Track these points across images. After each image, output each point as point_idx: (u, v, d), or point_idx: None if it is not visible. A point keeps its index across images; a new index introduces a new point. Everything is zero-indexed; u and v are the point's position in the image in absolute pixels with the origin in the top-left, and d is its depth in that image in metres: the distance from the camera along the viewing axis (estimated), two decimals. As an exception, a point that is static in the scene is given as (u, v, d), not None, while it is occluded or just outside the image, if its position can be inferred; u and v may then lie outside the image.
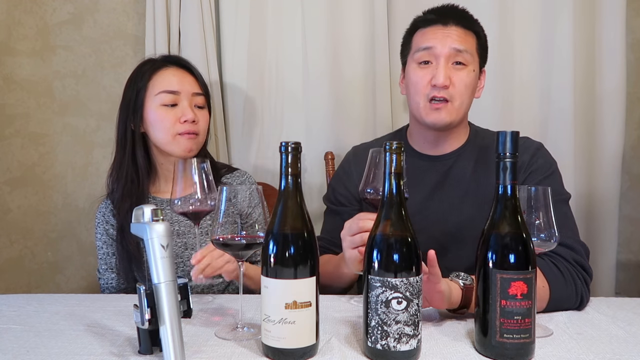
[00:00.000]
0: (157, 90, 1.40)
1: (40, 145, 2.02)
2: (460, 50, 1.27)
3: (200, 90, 1.45)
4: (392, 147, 0.87)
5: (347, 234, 1.12)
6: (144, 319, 0.85)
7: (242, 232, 1.00)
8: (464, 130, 1.39)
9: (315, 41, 1.89)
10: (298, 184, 0.89)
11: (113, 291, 1.46)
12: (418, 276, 0.86)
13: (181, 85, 1.42)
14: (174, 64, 1.45)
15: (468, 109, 1.34)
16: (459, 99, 1.28)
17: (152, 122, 1.41)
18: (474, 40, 1.32)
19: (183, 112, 1.40)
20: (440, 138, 1.37)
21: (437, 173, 1.37)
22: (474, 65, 1.30)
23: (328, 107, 1.91)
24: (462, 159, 1.37)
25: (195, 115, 1.41)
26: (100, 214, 1.49)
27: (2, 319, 1.10)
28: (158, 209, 0.87)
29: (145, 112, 1.42)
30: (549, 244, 1.02)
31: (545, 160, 1.31)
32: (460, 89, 1.27)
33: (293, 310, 0.85)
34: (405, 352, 0.85)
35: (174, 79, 1.42)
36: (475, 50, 1.31)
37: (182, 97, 1.41)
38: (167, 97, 1.40)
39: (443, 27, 1.29)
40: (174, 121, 1.40)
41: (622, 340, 0.97)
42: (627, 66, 1.87)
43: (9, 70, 1.99)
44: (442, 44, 1.27)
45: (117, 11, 1.98)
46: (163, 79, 1.42)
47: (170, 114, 1.40)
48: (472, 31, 1.32)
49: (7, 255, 2.04)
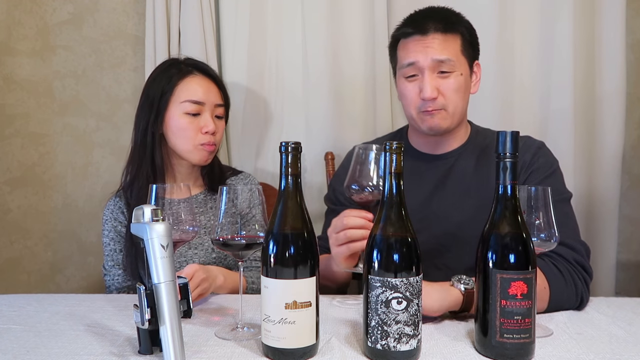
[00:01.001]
0: (183, 98, 1.41)
1: (40, 145, 2.02)
2: (442, 60, 1.26)
3: (222, 101, 1.47)
4: (392, 147, 0.87)
5: (333, 231, 1.12)
6: (144, 319, 0.85)
7: (242, 232, 1.00)
8: (464, 130, 1.39)
9: (315, 41, 1.89)
10: (298, 184, 0.90)
11: (119, 287, 1.45)
12: (418, 276, 0.86)
13: (206, 96, 1.42)
14: (201, 72, 1.45)
15: (464, 111, 1.34)
16: (451, 105, 1.28)
17: (174, 129, 1.42)
18: (458, 41, 1.29)
19: (205, 123, 1.41)
20: (440, 139, 1.37)
21: (438, 172, 1.37)
22: (460, 68, 1.29)
23: (328, 107, 1.91)
24: (463, 158, 1.37)
25: (216, 126, 1.43)
26: (109, 212, 1.49)
27: (2, 319, 1.10)
28: (158, 209, 0.87)
29: (167, 116, 1.42)
30: (549, 244, 1.02)
31: (546, 159, 1.31)
32: (450, 96, 1.27)
33: (293, 310, 0.85)
34: (405, 352, 0.85)
35: (200, 89, 1.42)
36: (460, 53, 1.29)
37: (206, 107, 1.42)
38: (191, 107, 1.41)
39: (422, 37, 1.27)
40: (197, 131, 1.41)
41: (622, 340, 0.97)
42: (627, 66, 1.87)
43: (9, 70, 1.99)
44: (423, 57, 1.26)
45: (117, 11, 1.98)
46: (190, 87, 1.42)
47: (193, 123, 1.41)
48: (453, 33, 1.28)
49: (7, 255, 2.04)
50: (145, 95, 1.44)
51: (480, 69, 1.38)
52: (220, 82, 1.49)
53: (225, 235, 0.99)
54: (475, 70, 1.35)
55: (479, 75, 1.37)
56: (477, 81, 1.36)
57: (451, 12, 1.33)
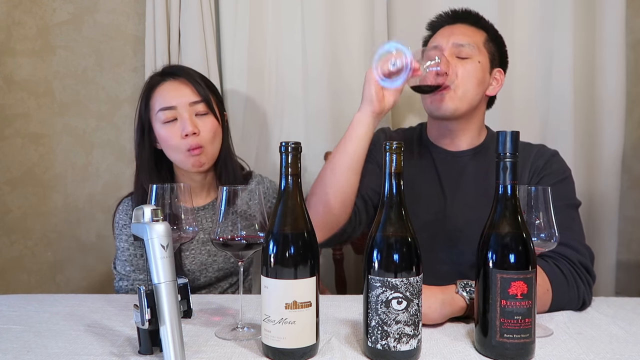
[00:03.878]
0: (157, 108, 1.38)
1: (40, 145, 2.02)
2: (462, 44, 1.32)
3: (197, 97, 1.38)
4: (392, 147, 0.88)
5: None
6: (144, 319, 0.85)
7: (242, 232, 1.00)
8: (476, 129, 1.40)
9: (315, 41, 1.89)
10: (298, 184, 0.90)
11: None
12: (418, 276, 0.86)
13: (177, 99, 1.37)
14: (170, 76, 1.40)
15: (475, 100, 1.34)
16: (462, 87, 1.31)
17: (162, 143, 1.40)
18: (482, 35, 1.36)
19: (182, 126, 1.35)
20: (454, 132, 1.38)
21: (454, 168, 1.39)
22: (479, 57, 1.33)
23: (328, 107, 1.90)
24: (477, 159, 1.38)
25: (195, 126, 1.36)
26: (125, 215, 1.44)
27: (2, 319, 1.10)
28: (158, 209, 0.87)
29: (154, 131, 1.40)
30: (549, 243, 1.02)
31: (559, 166, 1.33)
32: (463, 77, 1.30)
33: (293, 310, 0.85)
34: (405, 352, 0.85)
35: (169, 94, 1.37)
36: (482, 44, 1.35)
37: (180, 110, 1.36)
38: (164, 114, 1.36)
39: (450, 26, 1.38)
40: (178, 138, 1.35)
41: (622, 340, 0.97)
42: (627, 66, 1.87)
43: (9, 71, 1.99)
44: (446, 40, 1.34)
45: (117, 11, 1.98)
46: (159, 95, 1.39)
47: (172, 130, 1.36)
48: (479, 27, 1.37)
49: (7, 255, 2.04)
50: (137, 118, 1.43)
51: (503, 78, 1.40)
52: (194, 78, 1.40)
53: (225, 235, 0.99)
54: (497, 77, 1.38)
55: (500, 81, 1.39)
56: (497, 86, 1.39)
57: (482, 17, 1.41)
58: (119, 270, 1.43)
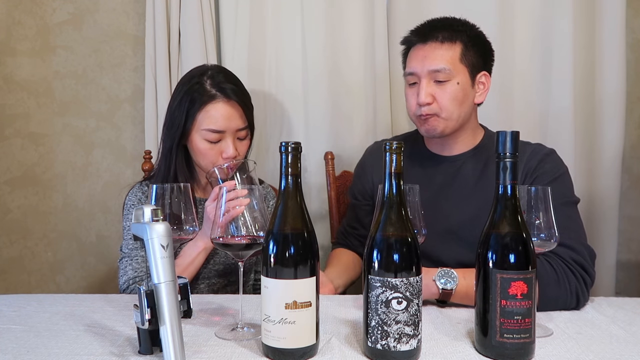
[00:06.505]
0: (204, 126, 1.38)
1: (40, 145, 2.02)
2: (437, 70, 1.31)
3: (244, 124, 1.43)
4: (392, 147, 0.88)
5: None
6: (144, 319, 0.85)
7: (242, 232, 1.00)
8: (470, 134, 1.40)
9: (314, 41, 1.89)
10: (298, 184, 0.90)
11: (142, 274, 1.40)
12: (418, 276, 0.86)
13: (227, 124, 1.39)
14: (223, 94, 1.40)
15: (462, 117, 1.34)
16: (445, 112, 1.32)
17: (195, 151, 1.42)
18: (457, 50, 1.32)
19: (225, 149, 1.40)
20: (445, 141, 1.40)
21: (446, 172, 1.40)
22: (458, 77, 1.31)
23: (328, 107, 1.91)
24: (471, 161, 1.39)
25: (236, 149, 1.41)
26: (136, 198, 1.45)
27: (2, 319, 1.10)
28: (158, 209, 0.87)
29: (190, 139, 1.41)
30: (549, 244, 1.02)
31: (553, 164, 1.32)
32: (444, 103, 1.32)
33: (293, 310, 0.85)
34: (405, 352, 0.85)
35: (221, 117, 1.38)
36: (458, 60, 1.32)
37: (227, 134, 1.40)
38: (211, 135, 1.39)
39: (422, 45, 1.34)
40: (217, 156, 1.40)
41: (622, 340, 0.97)
42: (627, 66, 1.87)
43: (9, 70, 1.99)
44: (421, 66, 1.33)
45: (117, 11, 1.98)
46: (210, 115, 1.38)
47: (213, 149, 1.40)
48: (452, 42, 1.32)
49: (7, 255, 2.04)
50: (170, 116, 1.43)
51: (489, 80, 1.38)
52: (245, 101, 1.44)
53: (225, 236, 0.99)
54: (482, 81, 1.36)
55: (487, 85, 1.38)
56: (484, 91, 1.37)
57: (456, 21, 1.36)
58: (123, 250, 1.43)
